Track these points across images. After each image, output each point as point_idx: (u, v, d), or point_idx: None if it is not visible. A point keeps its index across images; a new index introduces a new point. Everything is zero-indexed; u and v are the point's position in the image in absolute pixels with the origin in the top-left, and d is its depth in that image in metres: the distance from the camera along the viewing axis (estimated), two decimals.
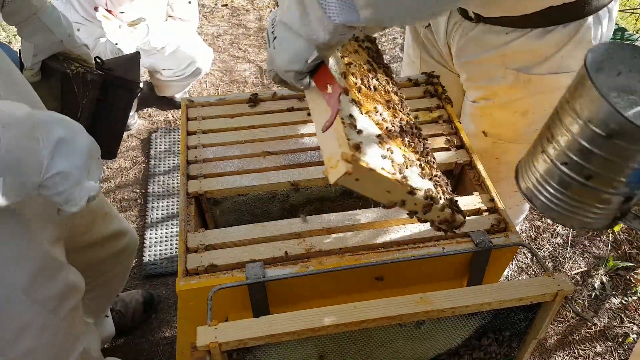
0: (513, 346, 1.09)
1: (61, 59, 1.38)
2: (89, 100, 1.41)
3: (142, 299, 2.13)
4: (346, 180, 0.81)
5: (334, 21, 0.71)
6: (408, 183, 0.88)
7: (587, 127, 0.64)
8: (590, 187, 0.68)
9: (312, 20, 0.73)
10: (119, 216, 1.59)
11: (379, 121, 0.96)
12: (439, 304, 0.90)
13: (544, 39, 1.21)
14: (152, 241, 2.51)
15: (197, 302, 1.02)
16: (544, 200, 0.75)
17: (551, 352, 2.15)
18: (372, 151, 0.87)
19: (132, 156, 2.98)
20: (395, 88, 1.14)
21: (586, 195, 0.70)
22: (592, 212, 0.73)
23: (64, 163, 0.84)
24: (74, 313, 1.17)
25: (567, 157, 0.68)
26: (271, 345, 0.90)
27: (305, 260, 1.06)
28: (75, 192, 0.87)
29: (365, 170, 0.81)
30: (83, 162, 0.87)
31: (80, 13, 2.54)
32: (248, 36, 3.86)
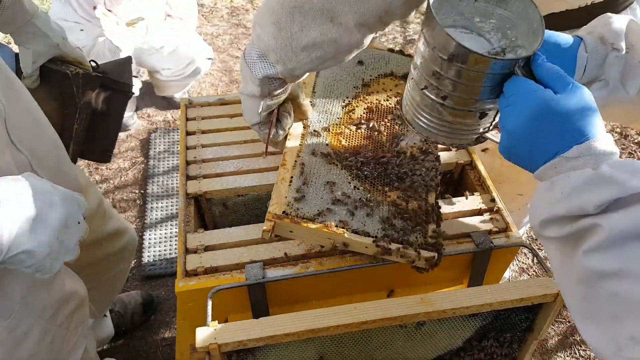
0: (514, 347, 1.09)
1: (59, 63, 1.38)
2: (87, 102, 1.41)
3: (141, 300, 2.13)
4: (279, 231, 0.99)
5: (257, 76, 0.92)
6: (341, 233, 0.98)
7: (434, 53, 0.73)
8: (448, 106, 0.78)
9: (248, 81, 0.95)
10: (117, 215, 1.58)
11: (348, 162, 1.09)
12: (439, 304, 0.90)
13: None
14: (151, 242, 2.51)
15: (197, 303, 1.02)
16: (420, 123, 0.85)
17: (552, 352, 2.14)
18: (312, 201, 1.01)
19: (131, 156, 2.98)
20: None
21: (447, 114, 0.79)
22: (458, 129, 0.83)
23: (29, 243, 0.82)
24: (73, 318, 1.17)
25: (426, 80, 0.78)
26: (271, 347, 0.90)
27: (305, 261, 1.06)
28: (45, 264, 0.86)
29: (292, 226, 0.97)
30: (51, 239, 0.85)
31: (78, 12, 2.53)
32: (247, 36, 3.86)
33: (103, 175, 2.88)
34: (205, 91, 3.41)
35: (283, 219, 0.96)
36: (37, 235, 0.83)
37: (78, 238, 0.92)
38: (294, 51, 0.87)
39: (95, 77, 1.41)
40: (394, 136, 1.17)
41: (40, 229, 0.84)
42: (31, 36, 1.30)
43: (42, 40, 1.31)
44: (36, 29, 1.29)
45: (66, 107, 1.39)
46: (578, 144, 0.65)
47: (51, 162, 1.14)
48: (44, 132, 1.16)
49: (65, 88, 1.36)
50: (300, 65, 0.89)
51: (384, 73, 1.29)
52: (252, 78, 0.93)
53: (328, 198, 1.02)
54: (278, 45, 0.87)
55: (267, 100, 0.98)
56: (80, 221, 0.92)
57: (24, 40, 1.30)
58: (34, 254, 0.83)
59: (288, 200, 1.00)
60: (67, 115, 1.40)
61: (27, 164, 1.04)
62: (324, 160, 1.09)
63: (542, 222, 0.67)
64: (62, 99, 1.38)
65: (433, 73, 0.75)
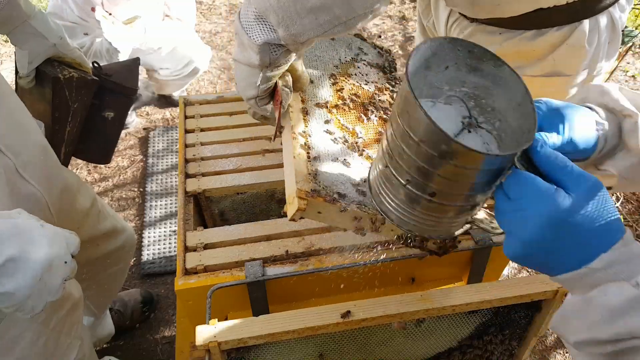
0: (513, 344, 1.09)
1: (56, 64, 1.37)
2: (81, 105, 1.40)
3: (141, 298, 2.13)
4: (307, 215, 0.85)
5: (256, 42, 0.80)
6: (373, 213, 0.87)
7: (421, 148, 0.62)
8: (437, 202, 0.68)
9: (245, 47, 0.82)
10: (114, 214, 1.58)
11: (351, 139, 0.98)
12: (439, 301, 0.90)
13: (536, 41, 1.20)
14: (150, 240, 2.51)
15: (196, 301, 1.02)
16: (400, 216, 0.73)
17: (551, 349, 2.15)
18: (332, 180, 0.90)
19: (130, 155, 2.98)
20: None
21: (434, 209, 0.70)
22: (442, 222, 0.73)
23: (9, 284, 0.81)
24: (67, 321, 1.17)
25: (408, 174, 0.67)
26: (271, 344, 0.90)
27: (305, 259, 1.06)
28: (26, 305, 0.85)
29: (323, 205, 0.84)
30: (33, 280, 0.84)
31: (75, 12, 2.53)
32: None
33: (102, 174, 2.87)
34: (204, 89, 3.41)
35: (316, 198, 0.84)
36: (17, 276, 0.82)
37: (63, 278, 0.90)
38: (298, 13, 0.76)
39: (90, 82, 1.40)
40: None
41: (21, 270, 0.82)
42: (28, 37, 1.28)
43: (39, 40, 1.30)
44: (33, 29, 1.28)
45: (57, 110, 1.38)
46: (604, 251, 0.57)
47: (37, 165, 1.13)
48: (29, 135, 1.15)
49: (58, 91, 1.35)
50: (305, 31, 0.78)
51: (355, 57, 1.22)
52: (250, 44, 0.81)
53: (345, 179, 0.93)
54: (280, 4, 0.76)
55: (267, 72, 0.86)
56: (67, 261, 0.90)
57: (21, 41, 1.29)
58: (14, 296, 0.82)
59: (311, 177, 0.88)
60: (59, 118, 1.39)
61: (13, 167, 1.04)
62: (330, 137, 1.00)
63: (579, 343, 0.61)
64: (55, 102, 1.37)
65: (418, 168, 0.65)
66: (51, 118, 1.38)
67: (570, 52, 1.20)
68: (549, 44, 1.20)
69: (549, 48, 1.20)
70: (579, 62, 1.22)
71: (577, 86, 1.27)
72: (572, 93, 1.28)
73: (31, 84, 1.35)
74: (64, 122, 1.40)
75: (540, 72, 1.24)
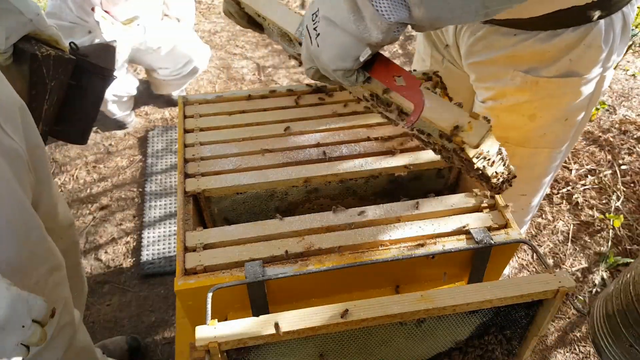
0: (514, 343, 1.09)
1: (33, 42, 1.35)
2: (58, 83, 1.39)
3: (126, 347, 2.02)
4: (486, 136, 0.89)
5: (388, 19, 0.69)
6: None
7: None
8: None
9: (365, 18, 0.70)
10: (67, 206, 1.59)
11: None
12: (439, 301, 0.89)
13: (552, 42, 1.19)
14: (149, 240, 2.50)
15: (196, 301, 1.02)
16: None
17: (552, 349, 2.15)
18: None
19: (129, 155, 2.97)
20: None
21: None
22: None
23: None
24: (50, 279, 1.17)
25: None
26: (271, 345, 0.89)
27: (305, 259, 1.05)
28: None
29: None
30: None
31: (74, 12, 2.52)
32: (245, 33, 3.85)
33: (101, 174, 2.87)
34: (203, 88, 3.41)
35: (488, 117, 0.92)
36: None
37: (19, 342, 0.89)
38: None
39: (67, 60, 1.39)
40: None
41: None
42: (3, 12, 1.26)
43: (15, 16, 1.28)
44: (9, 4, 1.26)
45: (35, 88, 1.37)
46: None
47: (17, 122, 1.12)
48: (9, 93, 1.14)
49: (36, 69, 1.34)
50: (454, 16, 0.68)
51: None
52: (374, 18, 0.69)
53: None
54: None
55: (374, 48, 0.75)
56: (25, 325, 0.88)
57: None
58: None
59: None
60: (36, 96, 1.38)
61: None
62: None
63: None
64: (32, 79, 1.36)
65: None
66: (28, 96, 1.37)
67: (586, 52, 1.20)
68: (565, 45, 1.19)
69: (565, 49, 1.20)
70: (595, 61, 1.22)
71: (591, 85, 1.27)
72: (586, 93, 1.28)
73: (8, 61, 1.34)
74: (41, 100, 1.39)
75: (556, 72, 1.23)
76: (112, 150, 2.99)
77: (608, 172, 2.80)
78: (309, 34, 0.76)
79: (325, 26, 0.75)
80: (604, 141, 2.96)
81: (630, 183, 2.74)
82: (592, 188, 2.74)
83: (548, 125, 1.35)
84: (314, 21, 0.76)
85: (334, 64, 0.77)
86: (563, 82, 1.25)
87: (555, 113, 1.32)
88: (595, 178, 2.78)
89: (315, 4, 0.77)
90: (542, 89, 1.27)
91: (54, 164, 2.91)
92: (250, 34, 3.86)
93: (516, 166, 1.47)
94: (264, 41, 3.80)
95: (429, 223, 1.12)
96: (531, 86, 1.28)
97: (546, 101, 1.30)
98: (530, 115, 1.34)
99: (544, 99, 1.29)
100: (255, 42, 3.79)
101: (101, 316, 2.24)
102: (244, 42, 3.76)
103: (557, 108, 1.31)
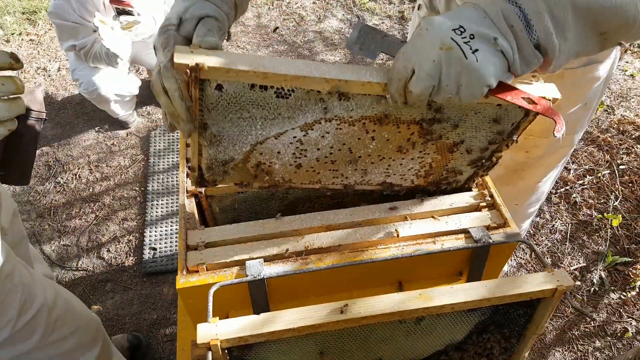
0: (512, 342, 1.10)
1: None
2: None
3: (128, 344, 2.02)
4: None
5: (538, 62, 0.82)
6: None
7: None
8: None
9: (527, 54, 0.80)
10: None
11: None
12: (438, 300, 0.90)
13: None
14: (152, 239, 2.51)
15: (198, 299, 1.03)
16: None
17: (550, 347, 2.16)
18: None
19: (132, 154, 2.98)
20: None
21: None
22: None
23: None
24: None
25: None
26: (271, 342, 0.90)
27: (305, 257, 1.06)
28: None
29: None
30: None
31: (77, 12, 2.54)
32: (247, 33, 3.85)
33: (103, 173, 2.88)
34: None
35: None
36: None
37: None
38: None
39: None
40: None
41: None
42: None
43: None
44: None
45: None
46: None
47: None
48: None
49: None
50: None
51: None
52: (533, 58, 0.80)
53: None
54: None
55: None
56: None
57: None
58: None
59: None
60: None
61: None
62: None
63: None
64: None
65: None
66: None
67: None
68: None
69: None
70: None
71: (606, 66, 1.31)
72: (603, 76, 1.33)
73: None
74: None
75: (579, 62, 1.27)
76: (114, 150, 3.00)
77: (606, 172, 2.81)
78: (461, 47, 0.78)
79: (489, 46, 0.79)
80: (603, 141, 2.97)
81: (628, 183, 2.75)
82: (590, 188, 2.75)
83: (571, 113, 1.39)
84: (462, 36, 0.78)
85: (488, 80, 0.80)
86: (585, 70, 1.28)
87: (577, 100, 1.36)
88: (594, 178, 2.79)
89: (455, 20, 0.79)
90: (566, 80, 1.30)
91: (56, 163, 2.92)
92: (251, 35, 3.86)
93: (538, 157, 1.51)
94: (265, 41, 3.81)
95: (428, 222, 1.13)
96: (556, 79, 1.31)
97: (570, 91, 1.33)
98: (555, 107, 1.38)
99: (569, 90, 1.33)
100: (256, 43, 3.79)
101: (103, 314, 2.25)
102: (245, 43, 3.77)
103: (579, 95, 1.35)
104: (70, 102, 3.32)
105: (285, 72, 0.84)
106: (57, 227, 2.61)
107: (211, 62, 0.81)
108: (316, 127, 0.96)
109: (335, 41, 3.81)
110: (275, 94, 0.89)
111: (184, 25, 0.88)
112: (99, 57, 2.63)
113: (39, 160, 2.93)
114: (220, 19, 0.91)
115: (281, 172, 1.07)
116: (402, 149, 1.06)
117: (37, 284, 1.36)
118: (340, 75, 0.87)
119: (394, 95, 0.85)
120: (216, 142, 0.96)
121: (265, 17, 4.02)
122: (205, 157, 1.00)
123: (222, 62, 0.81)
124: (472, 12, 0.79)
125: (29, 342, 1.31)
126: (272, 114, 0.92)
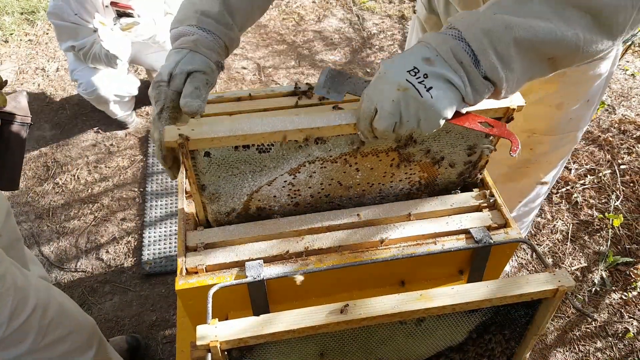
0: (513, 342, 1.09)
1: None
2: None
3: (127, 346, 2.02)
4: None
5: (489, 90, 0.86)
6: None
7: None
8: None
9: (478, 86, 0.85)
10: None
11: None
12: (439, 301, 0.90)
13: None
14: (150, 240, 2.51)
15: (197, 301, 1.02)
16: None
17: (551, 348, 2.15)
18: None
19: (130, 155, 2.98)
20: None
21: None
22: None
23: None
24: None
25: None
26: (271, 344, 0.90)
27: (305, 258, 1.06)
28: None
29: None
30: None
31: (76, 13, 2.53)
32: (246, 33, 3.85)
33: (102, 174, 2.88)
34: None
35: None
36: None
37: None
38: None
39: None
40: None
41: None
42: None
43: None
44: None
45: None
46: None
47: None
48: None
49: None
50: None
51: None
52: (484, 89, 0.85)
53: None
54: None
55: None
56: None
57: None
58: None
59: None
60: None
61: None
62: None
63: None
64: None
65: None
66: None
67: None
68: None
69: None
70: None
71: (608, 62, 1.32)
72: (605, 72, 1.34)
73: None
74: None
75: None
76: (113, 150, 3.00)
77: (607, 172, 2.80)
78: (416, 87, 0.84)
79: (441, 83, 0.85)
80: (604, 141, 2.97)
81: (629, 182, 2.75)
82: (591, 187, 2.75)
83: (573, 110, 1.39)
84: (416, 77, 0.85)
85: (444, 114, 0.87)
86: (587, 67, 1.29)
87: (580, 97, 1.37)
88: (595, 177, 2.79)
89: (408, 61, 0.86)
90: (568, 78, 1.31)
91: (55, 164, 2.92)
92: (250, 34, 3.86)
93: (543, 153, 1.53)
94: (264, 41, 3.81)
95: (429, 222, 1.13)
96: (559, 77, 1.31)
97: (573, 89, 1.34)
98: (558, 105, 1.39)
99: (571, 87, 1.33)
100: (255, 43, 3.79)
101: (102, 315, 2.25)
102: (244, 43, 3.77)
103: (581, 92, 1.36)
104: (68, 103, 3.32)
105: (262, 130, 0.94)
106: (55, 228, 2.61)
107: (195, 135, 0.92)
108: (302, 169, 1.05)
109: (334, 41, 3.80)
110: (257, 150, 0.98)
111: (174, 81, 0.98)
112: (98, 58, 2.63)
113: (37, 161, 2.93)
114: (207, 72, 1.00)
115: (282, 212, 1.15)
116: (387, 174, 1.12)
117: (30, 287, 1.36)
118: (312, 123, 0.96)
119: (363, 132, 0.92)
120: (216, 199, 1.06)
121: (265, 17, 4.01)
122: (210, 212, 1.10)
123: (205, 133, 0.93)
124: (426, 50, 0.85)
125: (21, 346, 1.30)
126: (259, 167, 1.02)
